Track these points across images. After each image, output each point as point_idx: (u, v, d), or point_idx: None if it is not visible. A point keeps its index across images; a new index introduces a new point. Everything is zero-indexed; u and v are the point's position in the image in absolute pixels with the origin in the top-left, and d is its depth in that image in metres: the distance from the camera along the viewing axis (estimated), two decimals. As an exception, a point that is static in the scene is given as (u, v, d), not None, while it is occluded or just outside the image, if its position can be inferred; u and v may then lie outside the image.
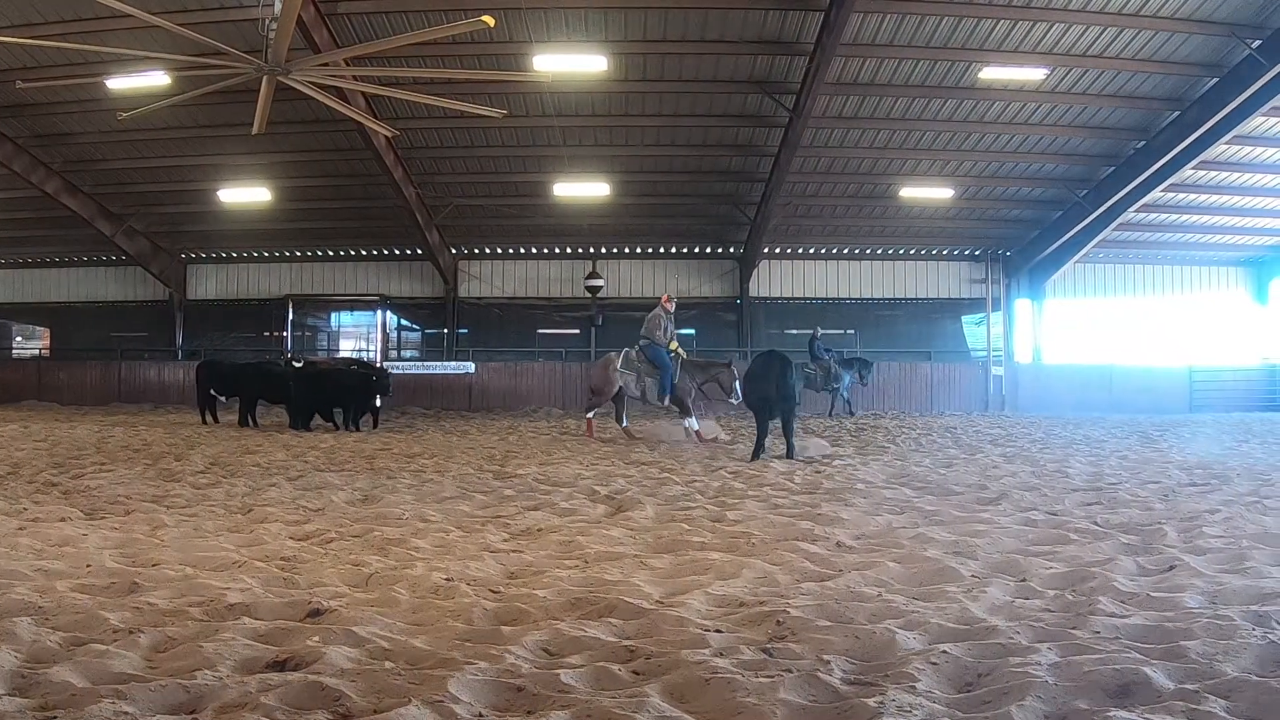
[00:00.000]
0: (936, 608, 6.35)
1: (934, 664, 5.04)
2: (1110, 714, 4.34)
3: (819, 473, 14.97)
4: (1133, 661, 5.01)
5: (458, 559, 8.01)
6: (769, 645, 5.48)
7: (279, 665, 5.15)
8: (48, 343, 46.84)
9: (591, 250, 40.94)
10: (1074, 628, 5.84)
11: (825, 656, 5.20)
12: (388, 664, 5.14)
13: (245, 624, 5.96)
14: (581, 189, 36.00)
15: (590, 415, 24.00)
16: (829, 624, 5.93)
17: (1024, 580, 7.19)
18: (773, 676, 4.80)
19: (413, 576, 7.26)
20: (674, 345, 22.69)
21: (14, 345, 47.55)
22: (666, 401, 22.94)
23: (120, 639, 5.66)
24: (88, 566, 7.74)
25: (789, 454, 17.17)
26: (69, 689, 4.74)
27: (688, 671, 4.90)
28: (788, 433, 17.71)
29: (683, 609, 6.33)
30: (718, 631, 5.79)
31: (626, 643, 5.58)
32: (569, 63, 27.37)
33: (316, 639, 5.53)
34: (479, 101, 23.64)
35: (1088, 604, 6.40)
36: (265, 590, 6.89)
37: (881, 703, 4.42)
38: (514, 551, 8.44)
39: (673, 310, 23.11)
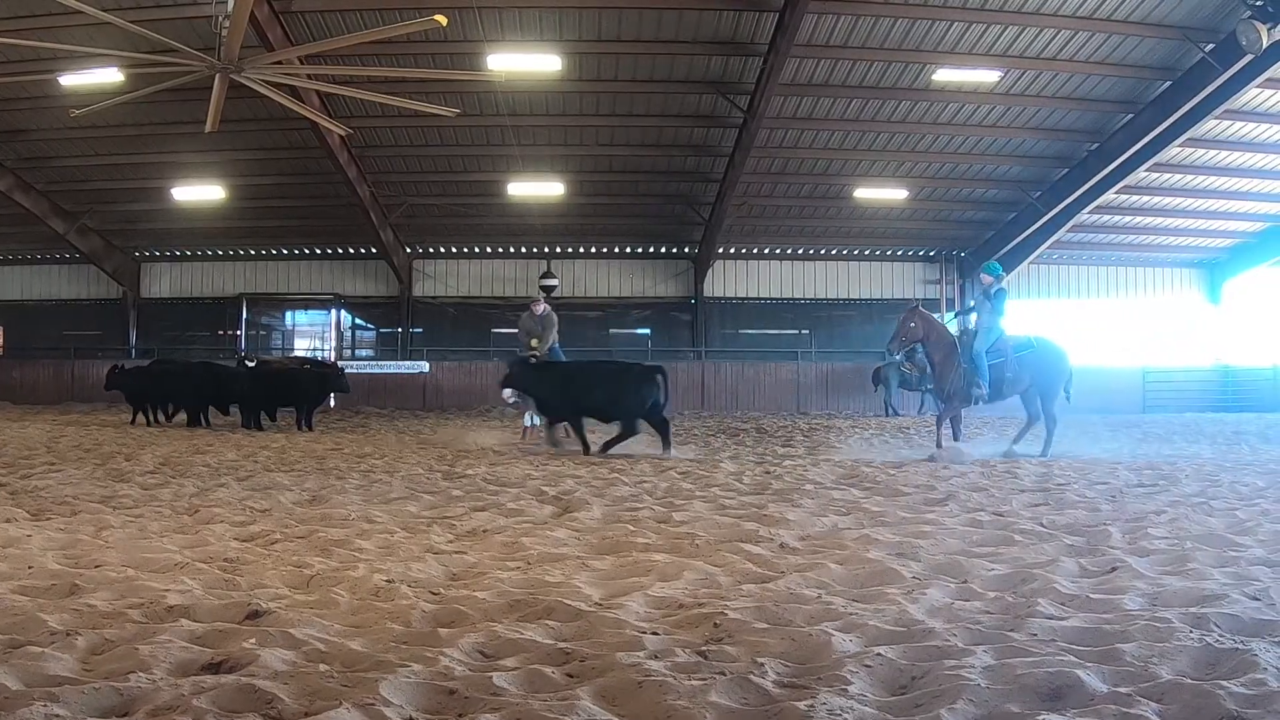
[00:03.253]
0: (875, 609, 6.34)
1: (868, 666, 5.03)
2: (1041, 717, 4.34)
3: (769, 473, 15.01)
4: (1067, 664, 5.00)
5: (400, 560, 7.97)
6: (704, 648, 5.46)
7: (214, 668, 5.10)
8: (0, 341, 46.56)
9: (546, 250, 41.00)
10: (1011, 630, 5.84)
11: (760, 659, 5.18)
12: (322, 666, 5.09)
13: (183, 626, 5.88)
14: (536, 188, 36.11)
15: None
16: (766, 626, 5.93)
17: (965, 582, 7.18)
18: (705, 679, 4.79)
19: (354, 578, 7.21)
20: (532, 343, 22.44)
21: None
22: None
23: (57, 641, 5.58)
24: (29, 568, 7.65)
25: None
26: (2, 691, 4.70)
27: (621, 674, 4.88)
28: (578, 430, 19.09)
29: (621, 611, 6.31)
30: (654, 634, 5.76)
31: (563, 645, 5.55)
32: (523, 62, 27.43)
33: (253, 641, 5.48)
34: (433, 100, 23.64)
35: (1027, 606, 6.39)
36: (206, 592, 6.82)
37: (812, 705, 4.41)
38: (458, 553, 8.39)
39: (539, 313, 22.76)
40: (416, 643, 5.63)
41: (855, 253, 42.34)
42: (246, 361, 27.47)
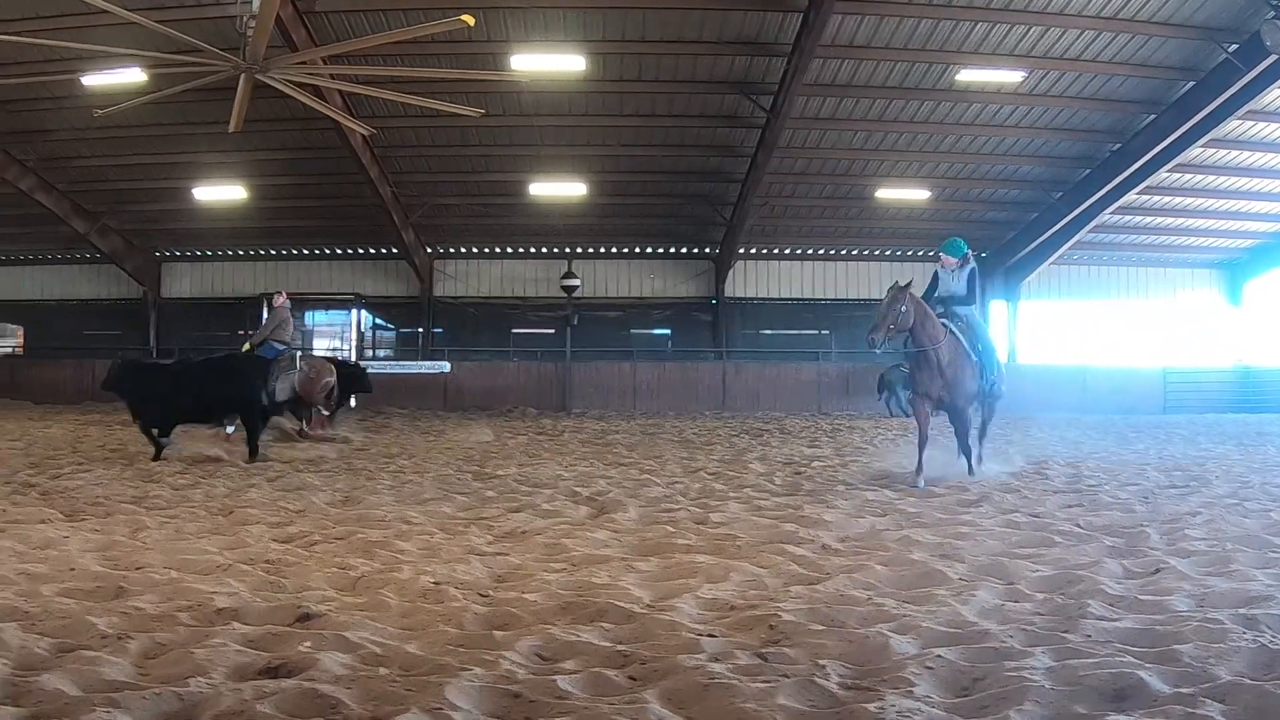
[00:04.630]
0: (927, 611, 6.34)
1: (929, 668, 5.03)
2: (1109, 718, 4.35)
3: (799, 474, 14.99)
4: (1127, 665, 5.00)
5: (444, 562, 7.96)
6: (763, 650, 5.46)
7: (272, 672, 5.09)
8: (21, 341, 46.60)
9: (567, 250, 40.91)
10: (1065, 631, 5.83)
11: (820, 661, 5.18)
12: (382, 670, 5.10)
13: (235, 629, 5.89)
14: (558, 189, 36.07)
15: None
16: (821, 628, 5.92)
17: (1012, 584, 7.17)
18: (770, 682, 4.79)
19: (400, 580, 7.20)
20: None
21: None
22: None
23: (110, 645, 5.60)
24: (71, 570, 7.66)
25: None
26: (61, 697, 4.68)
27: (684, 677, 4.88)
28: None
29: (674, 613, 6.30)
30: (711, 636, 5.75)
31: (620, 648, 5.54)
32: (547, 63, 27.39)
33: (309, 645, 5.48)
34: (456, 101, 23.59)
35: (1077, 607, 6.38)
36: (253, 594, 6.82)
37: (882, 708, 4.41)
38: (500, 554, 8.38)
39: (276, 305, 22.21)
40: (473, 645, 5.62)
41: (877, 253, 42.20)
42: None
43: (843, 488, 13.17)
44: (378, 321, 44.45)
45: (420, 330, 42.21)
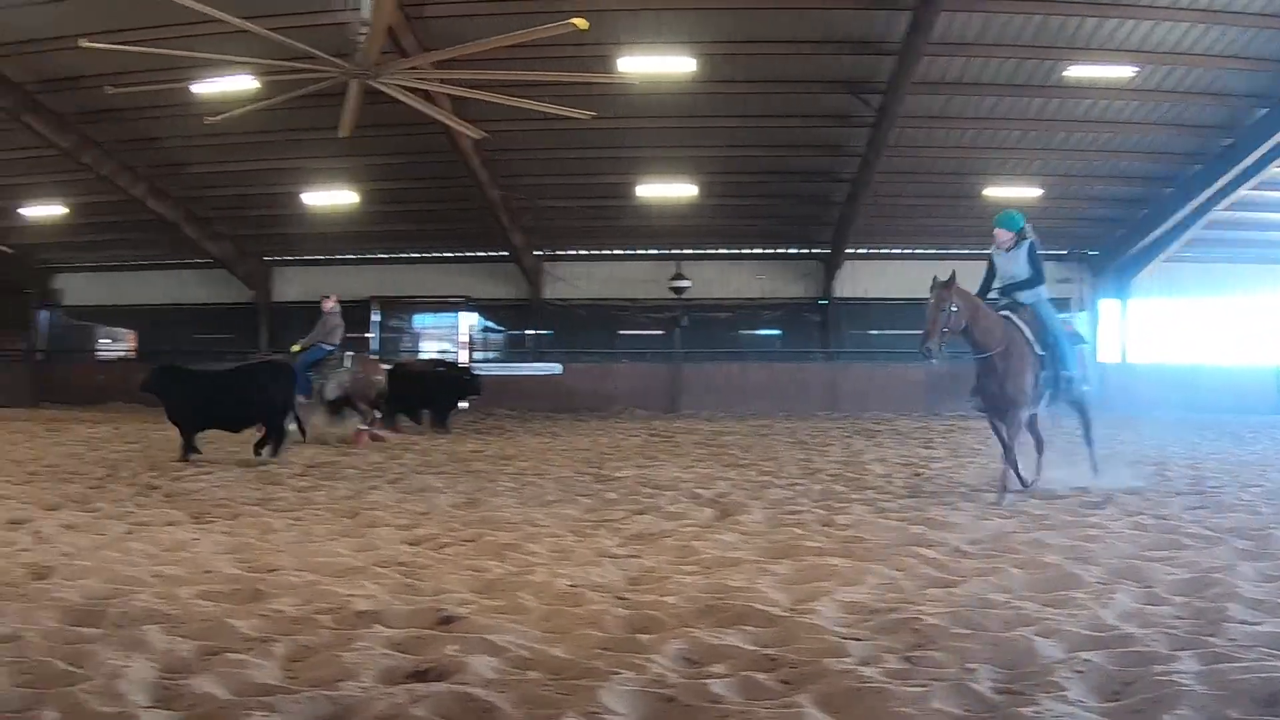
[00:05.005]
0: (1068, 614, 6.31)
1: (1079, 672, 5.02)
2: (1264, 724, 4.33)
3: (919, 475, 14.95)
4: (1277, 670, 4.97)
5: (576, 564, 8.02)
6: (909, 654, 5.47)
7: (420, 675, 5.16)
8: (134, 345, 47.28)
9: (675, 251, 40.82)
10: (1209, 635, 5.79)
11: (969, 665, 5.19)
12: (531, 674, 5.13)
13: (378, 632, 5.96)
14: (666, 190, 35.98)
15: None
16: (965, 631, 5.91)
17: (1149, 587, 7.11)
18: (921, 686, 4.80)
19: (536, 583, 7.25)
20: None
21: (101, 348, 47.99)
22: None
23: (254, 648, 5.69)
24: (207, 572, 7.79)
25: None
26: (213, 700, 4.77)
27: (835, 681, 4.89)
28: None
29: (814, 616, 6.31)
30: (855, 640, 5.76)
31: (767, 651, 5.56)
32: (655, 64, 27.36)
33: (455, 648, 5.53)
34: (565, 103, 23.67)
35: (1217, 611, 6.33)
36: (391, 597, 6.90)
37: (1039, 712, 4.42)
38: (631, 556, 8.43)
39: (326, 310, 22.98)
40: (619, 649, 5.64)
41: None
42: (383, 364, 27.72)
43: (964, 489, 13.12)
44: (487, 324, 44.60)
45: (529, 332, 42.32)
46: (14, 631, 6.00)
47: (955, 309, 12.52)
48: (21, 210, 39.57)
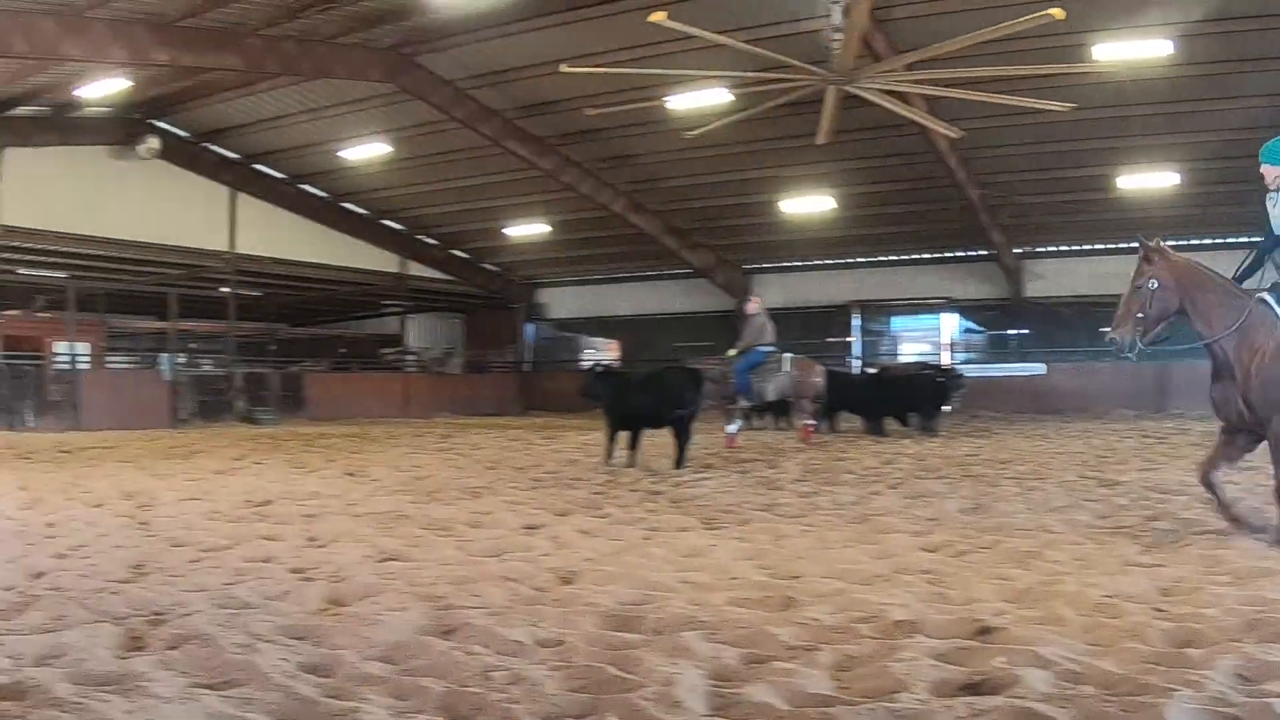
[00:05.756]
0: None
1: None
2: None
3: None
4: None
5: (1102, 573, 7.78)
6: None
7: (973, 688, 5.09)
8: (616, 353, 48.87)
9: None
10: None
11: None
12: (1086, 688, 5.00)
13: (921, 642, 5.91)
14: (1147, 180, 34.85)
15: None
16: None
17: None
18: None
19: (1067, 592, 7.06)
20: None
21: (583, 358, 49.75)
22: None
23: (799, 657, 5.70)
24: (733, 579, 7.90)
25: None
26: (772, 710, 4.81)
27: None
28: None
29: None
30: None
31: (1329, 671, 5.27)
32: (1131, 50, 26.53)
33: (1002, 660, 5.43)
34: (1040, 96, 23.29)
35: None
36: (924, 606, 6.84)
37: None
38: (1156, 565, 8.15)
39: (750, 313, 23.13)
40: (1168, 664, 5.44)
41: None
42: (867, 368, 27.88)
43: None
44: (967, 325, 44.19)
45: (1010, 332, 41.67)
46: (556, 636, 6.21)
47: (1155, 285, 9.87)
48: (507, 230, 41.63)
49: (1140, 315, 9.68)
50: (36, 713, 4.52)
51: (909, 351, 43.83)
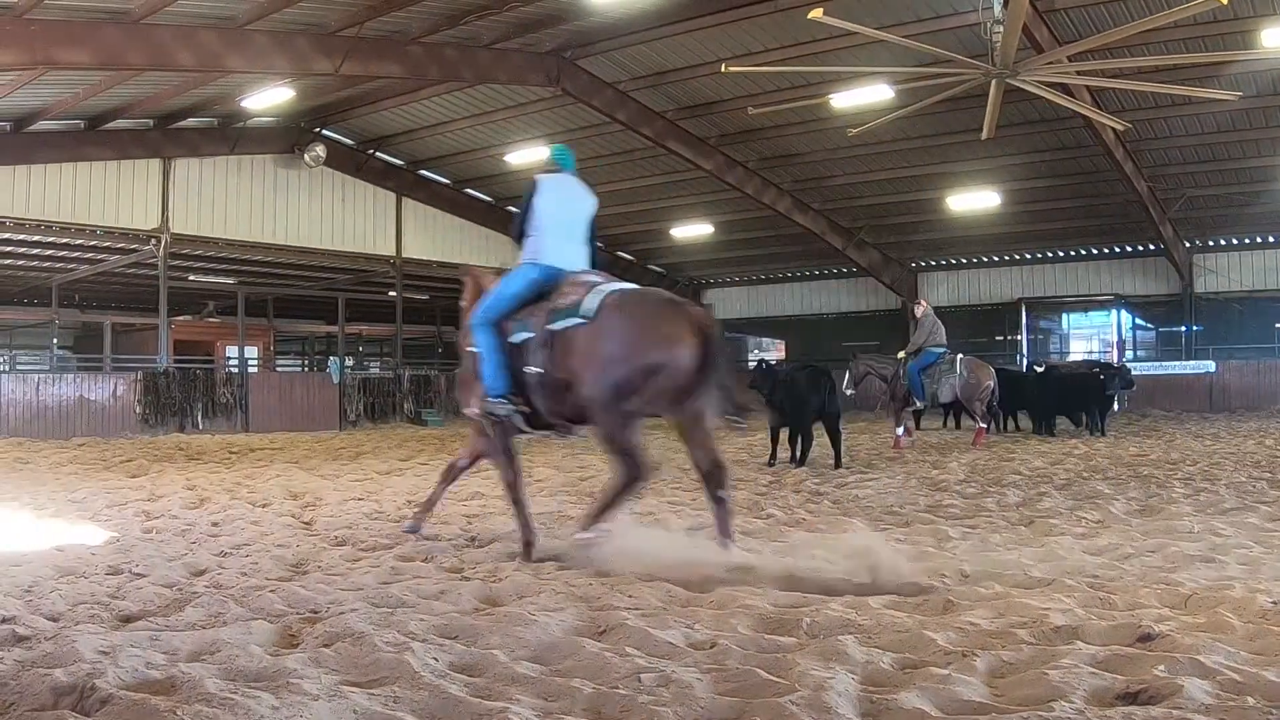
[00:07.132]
0: None
1: None
2: None
3: None
4: None
5: (1272, 579, 7.59)
6: None
7: (1130, 697, 4.94)
8: (783, 353, 48.86)
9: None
10: None
11: None
12: (1249, 700, 4.83)
13: (1080, 649, 5.75)
14: (1322, 170, 33.95)
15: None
16: None
17: None
18: None
19: (1234, 599, 6.86)
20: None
21: (750, 358, 49.74)
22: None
23: (955, 662, 5.58)
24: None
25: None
26: (923, 717, 4.73)
27: None
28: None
29: None
30: None
31: None
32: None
33: (1162, 668, 5.27)
34: (1207, 85, 22.84)
35: None
36: (1085, 611, 6.69)
37: None
38: (1332, 572, 7.95)
39: (919, 315, 23.24)
40: (1336, 675, 5.29)
41: None
42: (1035, 367, 27.59)
43: None
44: (1137, 321, 43.40)
45: (1181, 329, 40.82)
46: (710, 638, 6.17)
47: None
48: (671, 231, 41.67)
49: None
50: (185, 708, 4.58)
51: (1077, 349, 43.22)
